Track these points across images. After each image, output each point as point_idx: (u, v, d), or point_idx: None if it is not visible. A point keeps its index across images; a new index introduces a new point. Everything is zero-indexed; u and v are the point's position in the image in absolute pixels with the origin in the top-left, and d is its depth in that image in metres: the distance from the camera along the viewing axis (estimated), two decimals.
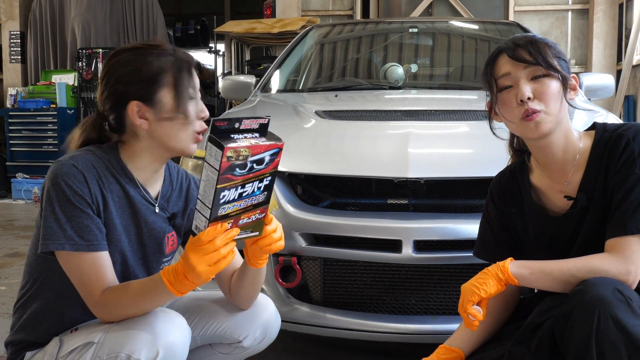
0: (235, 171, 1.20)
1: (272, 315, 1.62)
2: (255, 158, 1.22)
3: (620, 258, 1.34)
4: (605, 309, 1.23)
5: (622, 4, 6.82)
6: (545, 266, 1.40)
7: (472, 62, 3.57)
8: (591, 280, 1.30)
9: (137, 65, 1.41)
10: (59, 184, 1.33)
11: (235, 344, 1.58)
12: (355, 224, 1.97)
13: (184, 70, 1.43)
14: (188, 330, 1.39)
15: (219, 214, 1.23)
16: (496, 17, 7.07)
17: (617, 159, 1.39)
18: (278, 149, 1.26)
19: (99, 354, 1.31)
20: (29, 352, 1.44)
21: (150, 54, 1.42)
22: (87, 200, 1.34)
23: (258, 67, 7.14)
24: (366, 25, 4.21)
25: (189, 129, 1.43)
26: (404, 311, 2.02)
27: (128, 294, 1.33)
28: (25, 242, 4.64)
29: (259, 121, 1.27)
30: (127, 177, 1.44)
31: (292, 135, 2.30)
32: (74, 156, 1.38)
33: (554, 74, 1.41)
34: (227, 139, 1.19)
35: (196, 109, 1.44)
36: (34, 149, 7.46)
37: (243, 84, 3.38)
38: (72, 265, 1.34)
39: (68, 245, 1.32)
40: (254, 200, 1.28)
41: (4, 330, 2.67)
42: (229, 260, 1.26)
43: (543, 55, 1.41)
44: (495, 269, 1.41)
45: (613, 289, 1.26)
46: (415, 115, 2.43)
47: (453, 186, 2.06)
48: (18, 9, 8.35)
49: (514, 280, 1.39)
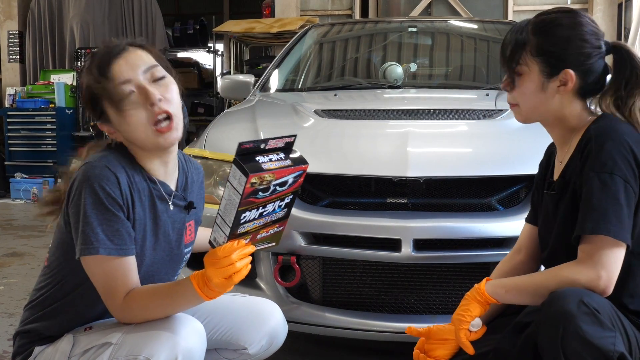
0: (258, 195, 1.20)
1: (280, 323, 1.62)
2: (279, 182, 1.21)
3: (588, 264, 1.31)
4: (569, 323, 1.22)
5: (622, 3, 6.82)
6: (519, 282, 1.43)
7: (471, 62, 3.57)
8: (557, 292, 1.28)
9: (83, 92, 1.42)
10: (93, 187, 1.31)
11: (240, 350, 1.58)
12: (354, 223, 1.97)
13: (95, 74, 1.37)
14: (205, 337, 1.39)
15: (238, 232, 1.24)
16: (495, 16, 7.07)
17: (581, 155, 1.39)
18: (302, 171, 1.25)
19: (117, 355, 1.30)
20: (38, 346, 1.43)
21: (83, 75, 1.41)
22: (119, 202, 1.33)
23: (257, 66, 7.13)
24: (365, 25, 4.21)
25: (139, 127, 1.37)
26: (403, 310, 2.02)
27: (155, 298, 1.32)
28: (24, 242, 4.63)
29: (285, 140, 1.25)
30: (146, 174, 1.43)
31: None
32: (104, 157, 1.37)
33: (531, 72, 1.43)
34: (252, 162, 1.18)
35: (137, 102, 1.36)
36: (33, 149, 7.44)
37: (242, 84, 3.38)
38: (99, 269, 1.33)
39: (102, 249, 1.30)
40: (274, 217, 1.28)
41: (3, 330, 2.67)
42: (243, 274, 1.26)
43: (514, 54, 1.45)
44: (473, 293, 1.46)
45: (578, 302, 1.23)
46: (415, 115, 2.43)
47: (452, 185, 2.05)
48: (16, 8, 8.33)
49: (492, 299, 1.43)
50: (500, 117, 2.34)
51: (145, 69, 1.38)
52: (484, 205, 2.02)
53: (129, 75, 1.36)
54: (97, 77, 1.37)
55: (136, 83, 1.36)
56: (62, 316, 1.43)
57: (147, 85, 1.37)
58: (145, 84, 1.37)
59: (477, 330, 1.46)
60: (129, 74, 1.36)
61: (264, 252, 2.08)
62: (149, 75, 1.38)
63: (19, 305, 3.03)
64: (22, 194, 7.08)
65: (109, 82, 1.36)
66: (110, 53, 1.38)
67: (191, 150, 2.40)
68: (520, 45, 1.44)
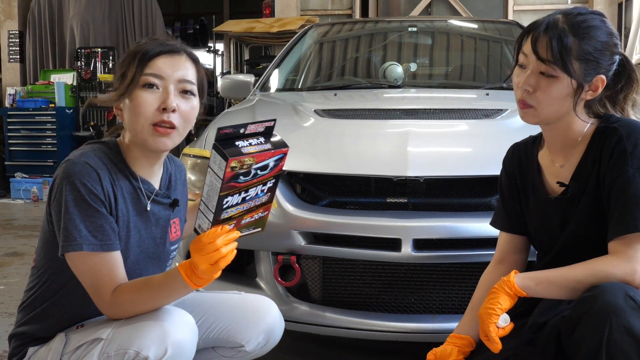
0: (239, 179, 1.20)
1: (276, 319, 1.61)
2: (259, 165, 1.21)
3: (623, 258, 1.31)
4: (618, 318, 1.19)
5: (622, 3, 6.82)
6: (550, 275, 1.38)
7: (471, 61, 3.57)
8: (602, 286, 1.27)
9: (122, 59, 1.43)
10: (74, 183, 1.31)
11: (237, 348, 1.57)
12: (354, 222, 1.97)
13: (138, 56, 1.38)
14: (196, 329, 1.39)
15: (222, 217, 1.24)
16: (495, 16, 7.07)
17: (609, 155, 1.37)
18: (283, 155, 1.25)
19: (107, 350, 1.31)
20: (32, 347, 1.43)
21: (133, 47, 1.42)
22: (101, 198, 1.33)
23: (257, 66, 7.13)
24: (365, 25, 4.21)
25: (140, 119, 1.37)
26: (403, 310, 2.02)
27: (144, 290, 1.32)
28: (24, 241, 4.63)
29: (265, 124, 1.25)
30: (129, 171, 1.43)
31: (291, 134, 2.30)
32: (85, 153, 1.37)
33: (566, 77, 1.36)
34: (232, 147, 1.18)
35: (154, 98, 1.37)
36: (33, 149, 7.44)
37: (242, 83, 3.38)
38: (85, 266, 1.33)
39: (85, 245, 1.30)
40: (257, 201, 1.28)
41: (3, 330, 2.67)
42: (229, 260, 1.26)
43: (563, 56, 1.34)
44: (502, 284, 1.40)
45: (624, 296, 1.22)
46: (415, 114, 2.43)
47: (452, 185, 2.05)
48: (17, 8, 8.34)
49: (522, 292, 1.38)
50: (501, 116, 2.34)
51: (181, 79, 1.40)
52: (484, 205, 2.02)
53: (165, 73, 1.38)
54: (138, 60, 1.38)
55: (165, 85, 1.38)
56: (52, 318, 1.43)
57: (172, 92, 1.38)
58: (172, 90, 1.38)
59: (505, 326, 1.39)
60: (165, 72, 1.38)
61: (264, 252, 2.08)
62: (181, 86, 1.40)
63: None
64: (22, 194, 7.08)
65: (144, 68, 1.37)
66: (163, 48, 1.40)
67: (191, 150, 2.40)
68: (565, 47, 1.34)
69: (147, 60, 1.38)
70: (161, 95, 1.37)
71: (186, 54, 1.44)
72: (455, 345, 1.52)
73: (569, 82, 1.36)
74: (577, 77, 1.35)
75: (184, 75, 1.41)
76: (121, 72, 1.40)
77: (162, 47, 1.40)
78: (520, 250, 1.62)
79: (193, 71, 1.43)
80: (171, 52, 1.40)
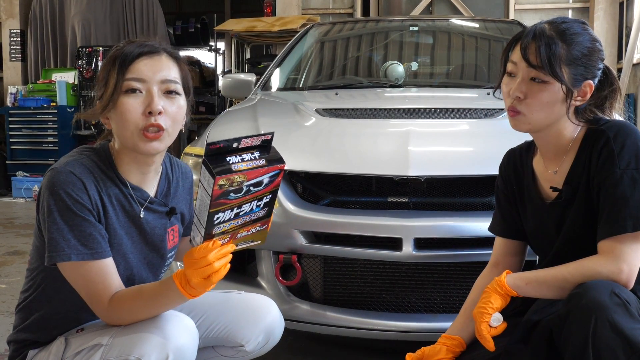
0: (230, 196, 1.16)
1: (276, 319, 1.61)
2: (252, 182, 1.17)
3: (610, 257, 1.34)
4: (602, 314, 1.22)
5: (623, 2, 6.81)
6: (540, 275, 1.42)
7: (473, 61, 3.57)
8: (588, 283, 1.29)
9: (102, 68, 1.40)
10: (58, 193, 1.29)
11: (237, 347, 1.57)
12: (355, 222, 1.97)
13: (118, 61, 1.35)
14: (197, 334, 1.38)
15: (214, 232, 1.20)
16: (496, 15, 7.06)
17: (597, 157, 1.39)
18: (279, 171, 1.20)
19: (108, 356, 1.30)
20: (32, 350, 1.44)
21: (111, 52, 1.39)
22: (88, 207, 1.32)
23: (258, 65, 7.13)
24: (366, 24, 4.20)
25: (128, 126, 1.34)
26: (404, 309, 2.02)
27: (140, 299, 1.31)
28: (26, 240, 4.63)
29: (261, 138, 1.20)
30: (119, 179, 1.41)
31: (293, 133, 2.30)
32: (69, 162, 1.35)
33: (556, 83, 1.38)
34: (221, 164, 1.13)
35: (139, 102, 1.34)
36: (34, 147, 7.45)
37: (243, 82, 3.38)
38: (78, 275, 1.32)
39: (74, 255, 1.29)
40: (253, 216, 1.24)
41: (5, 328, 2.67)
42: (222, 274, 1.24)
43: (552, 62, 1.36)
44: (494, 285, 1.44)
45: (610, 293, 1.25)
46: (416, 114, 2.43)
47: (453, 184, 2.06)
48: (18, 7, 8.34)
49: (513, 292, 1.42)
50: (502, 116, 2.34)
51: (164, 79, 1.37)
52: (485, 204, 2.02)
53: (146, 76, 1.35)
54: (118, 65, 1.35)
55: (147, 87, 1.35)
56: (50, 326, 1.43)
57: (156, 94, 1.35)
58: (155, 92, 1.35)
59: (498, 325, 1.42)
60: (146, 75, 1.35)
61: (265, 252, 2.08)
62: (164, 86, 1.37)
63: None
64: (24, 193, 7.10)
65: (125, 74, 1.34)
66: (142, 49, 1.37)
67: (192, 149, 2.40)
68: (554, 52, 1.36)
69: (127, 65, 1.35)
70: (145, 99, 1.34)
71: (166, 53, 1.40)
72: (444, 345, 1.55)
73: (558, 88, 1.38)
74: (567, 82, 1.38)
75: (167, 75, 1.37)
76: (103, 80, 1.38)
77: (141, 49, 1.37)
78: (515, 253, 1.64)
79: (175, 70, 1.40)
80: (150, 53, 1.37)
